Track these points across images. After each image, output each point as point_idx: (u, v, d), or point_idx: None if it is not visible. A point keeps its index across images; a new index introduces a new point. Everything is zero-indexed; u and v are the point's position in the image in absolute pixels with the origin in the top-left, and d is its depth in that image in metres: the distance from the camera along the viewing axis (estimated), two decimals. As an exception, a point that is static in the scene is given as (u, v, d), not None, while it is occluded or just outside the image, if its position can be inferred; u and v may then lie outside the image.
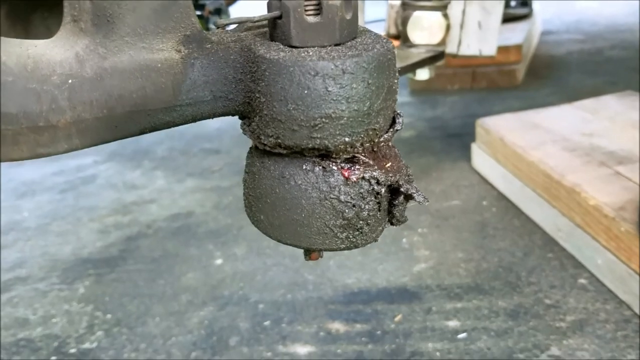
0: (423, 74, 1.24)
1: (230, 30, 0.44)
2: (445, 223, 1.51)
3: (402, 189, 0.46)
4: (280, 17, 0.42)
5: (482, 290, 1.23)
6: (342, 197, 0.44)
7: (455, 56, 1.30)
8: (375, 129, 0.43)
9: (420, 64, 1.20)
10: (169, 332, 1.21)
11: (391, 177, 0.45)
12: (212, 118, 0.46)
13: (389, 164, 0.45)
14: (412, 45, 1.22)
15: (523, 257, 1.33)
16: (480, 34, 1.29)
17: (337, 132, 0.41)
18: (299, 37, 0.41)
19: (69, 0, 0.42)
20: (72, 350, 1.19)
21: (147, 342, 1.19)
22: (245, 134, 0.46)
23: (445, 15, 1.21)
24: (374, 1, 2.15)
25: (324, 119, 0.40)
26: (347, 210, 0.44)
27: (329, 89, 0.40)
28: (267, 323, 1.20)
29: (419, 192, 0.46)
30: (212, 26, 1.09)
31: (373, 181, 0.44)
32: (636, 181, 1.23)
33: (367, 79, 0.40)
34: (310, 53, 0.40)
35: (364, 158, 0.44)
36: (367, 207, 0.45)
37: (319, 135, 0.41)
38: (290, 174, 0.44)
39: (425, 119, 2.25)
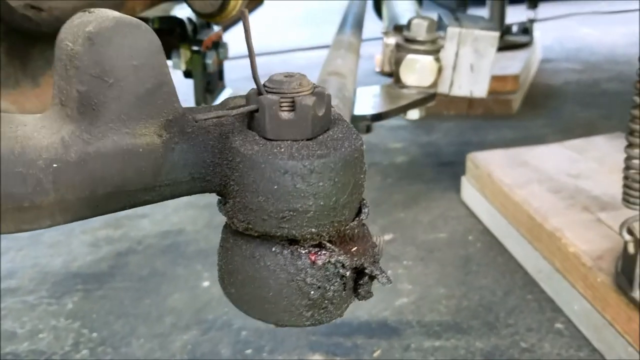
0: (414, 114, 1.27)
1: (207, 113, 0.46)
2: (430, 256, 1.53)
3: (366, 271, 0.48)
4: (256, 111, 0.44)
5: (460, 329, 1.26)
6: (308, 280, 0.46)
7: (446, 96, 1.33)
8: (340, 221, 0.45)
9: (411, 105, 1.23)
10: (152, 355, 1.23)
11: (356, 260, 0.48)
12: (190, 195, 0.49)
13: (354, 248, 0.48)
14: (404, 87, 1.25)
15: (503, 296, 1.35)
16: (472, 77, 1.32)
17: (304, 224, 0.44)
18: (273, 131, 0.44)
19: (58, 84, 0.44)
20: (56, 369, 1.21)
21: (129, 364, 1.21)
22: (220, 212, 0.48)
23: (437, 59, 1.24)
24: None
25: (291, 212, 0.43)
26: (312, 292, 0.47)
27: (297, 186, 0.42)
28: (248, 351, 1.23)
29: (383, 274, 0.49)
30: (208, 62, 1.12)
31: (339, 264, 0.47)
32: (617, 230, 1.26)
33: (333, 177, 0.43)
34: (282, 149, 0.43)
35: (330, 245, 0.46)
36: (332, 288, 0.47)
37: (287, 226, 0.44)
38: (260, 255, 0.47)
39: (419, 145, 2.28)
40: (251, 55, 0.43)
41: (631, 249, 1.01)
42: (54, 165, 0.42)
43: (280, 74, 0.46)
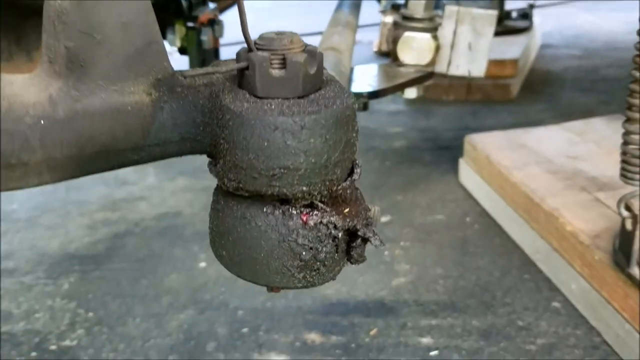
0: (411, 93, 1.26)
1: (196, 70, 0.46)
2: (427, 238, 1.53)
3: (359, 233, 0.48)
4: (247, 69, 0.44)
5: (457, 308, 1.26)
6: (299, 240, 0.46)
7: (444, 76, 1.32)
8: (332, 180, 0.45)
9: (409, 83, 1.22)
10: (148, 334, 1.23)
11: (348, 222, 0.47)
12: (180, 156, 0.48)
13: (347, 209, 0.48)
14: (402, 65, 1.24)
15: (500, 276, 1.35)
16: (470, 55, 1.31)
17: (295, 182, 0.43)
18: (263, 88, 0.43)
19: (46, 42, 0.44)
20: (53, 347, 1.21)
21: (126, 343, 1.21)
22: (211, 174, 0.48)
23: (435, 37, 1.23)
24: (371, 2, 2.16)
25: (282, 170, 0.42)
26: (304, 252, 0.46)
27: (288, 142, 0.42)
28: (244, 330, 1.23)
29: (376, 236, 0.48)
30: (203, 38, 1.11)
31: (331, 225, 0.46)
32: (615, 209, 1.25)
33: (324, 135, 0.42)
34: (273, 106, 0.43)
35: (322, 205, 0.46)
36: (324, 249, 0.47)
37: (277, 184, 0.43)
38: (251, 215, 0.46)
39: (418, 129, 2.27)
40: (241, 11, 0.42)
41: (629, 225, 1.01)
42: (42, 122, 0.42)
43: (271, 32, 0.45)
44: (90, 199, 1.84)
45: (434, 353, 1.14)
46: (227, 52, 1.72)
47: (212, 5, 1.17)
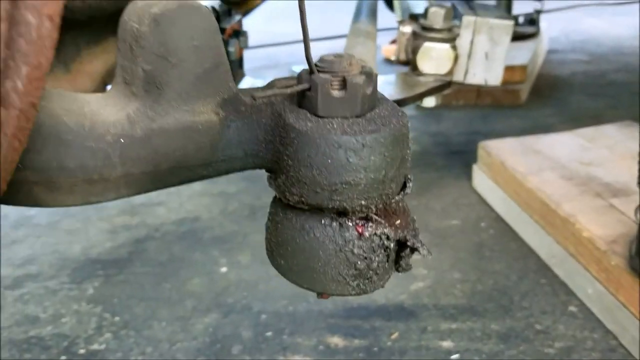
0: (430, 102, 1.29)
1: (263, 91, 0.49)
2: (443, 242, 1.56)
3: (408, 243, 0.51)
4: (309, 90, 0.47)
5: (476, 312, 1.29)
6: (355, 250, 0.49)
7: (461, 84, 1.35)
8: (388, 194, 0.48)
9: (428, 92, 1.25)
10: (175, 337, 1.26)
11: (400, 233, 0.50)
12: (243, 171, 0.51)
13: (398, 221, 0.51)
14: (421, 74, 1.27)
15: (517, 280, 1.38)
16: (487, 64, 1.34)
17: (355, 196, 0.46)
18: (324, 108, 0.47)
19: (122, 64, 0.47)
20: (82, 351, 1.24)
21: (153, 346, 1.24)
22: (271, 187, 0.51)
23: (454, 47, 1.26)
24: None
25: (344, 185, 0.46)
26: (359, 262, 0.49)
27: (350, 160, 0.45)
28: (269, 334, 1.26)
29: (424, 246, 0.51)
30: (230, 50, 1.14)
31: (384, 237, 0.49)
32: (629, 215, 1.28)
33: (383, 152, 0.46)
34: (335, 125, 0.46)
35: (376, 217, 0.49)
36: (377, 259, 0.50)
37: (338, 198, 0.46)
38: (310, 227, 0.49)
39: (430, 134, 2.30)
40: (305, 36, 0.45)
41: (646, 231, 1.04)
42: (121, 140, 0.45)
43: (330, 54, 0.48)
44: (109, 204, 1.87)
45: (455, 356, 1.17)
46: (249, 56, 1.76)
47: (237, 17, 1.21)
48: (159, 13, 0.44)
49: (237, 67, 1.27)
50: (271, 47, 3.56)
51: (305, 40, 0.46)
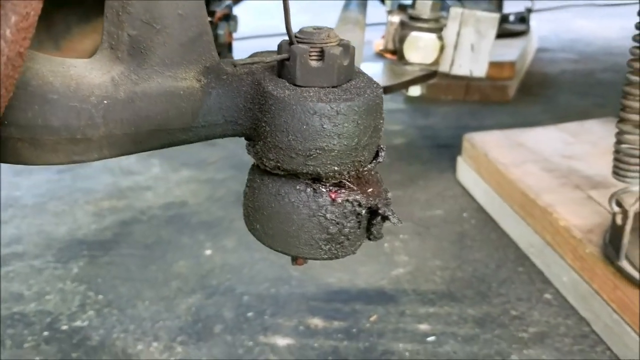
0: (415, 91, 1.31)
1: (244, 60, 0.51)
2: (426, 231, 1.59)
3: (380, 211, 0.53)
4: (288, 59, 0.49)
5: (454, 298, 1.31)
6: (328, 215, 0.51)
7: (447, 75, 1.38)
8: (360, 161, 0.50)
9: (414, 81, 1.27)
10: (158, 316, 1.28)
11: (371, 200, 0.52)
12: (222, 138, 0.53)
13: (370, 189, 0.53)
14: (407, 63, 1.29)
15: (496, 269, 1.41)
16: (473, 56, 1.36)
17: (328, 162, 0.48)
18: (302, 78, 0.49)
19: (108, 29, 0.49)
20: (64, 327, 1.26)
21: (136, 324, 1.26)
22: (249, 154, 0.53)
23: (440, 37, 1.29)
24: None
25: (318, 150, 0.48)
26: (331, 227, 0.51)
27: (324, 126, 0.47)
28: (250, 314, 1.28)
29: (394, 215, 0.53)
30: (220, 32, 1.16)
31: (355, 203, 0.52)
32: (606, 206, 1.31)
33: (356, 120, 0.48)
34: (311, 93, 0.48)
35: (349, 183, 0.51)
36: (348, 225, 0.52)
37: (312, 163, 0.48)
38: (285, 192, 0.51)
39: (417, 127, 2.33)
40: (286, 8, 0.47)
41: (619, 220, 1.07)
42: (105, 101, 0.46)
43: (309, 26, 0.50)
44: (96, 187, 1.88)
45: (431, 339, 1.20)
46: (238, 46, 1.78)
47: (227, 1, 1.23)
48: (146, -19, 0.46)
49: (226, 51, 1.29)
50: (264, 39, 3.58)
51: (286, 12, 0.48)
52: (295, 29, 0.50)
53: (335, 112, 0.47)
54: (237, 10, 1.63)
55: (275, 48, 0.52)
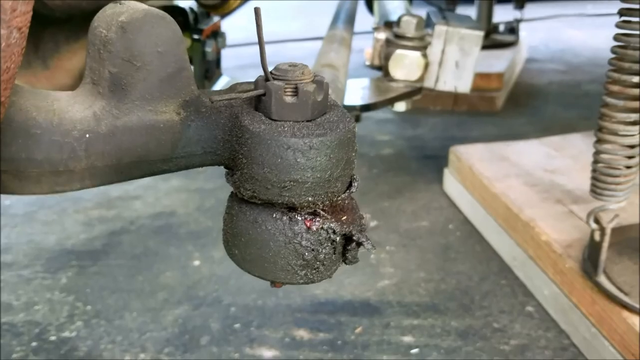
0: (400, 107, 1.34)
1: (221, 95, 0.53)
2: (412, 243, 1.61)
3: (354, 238, 0.55)
4: (264, 95, 0.51)
5: (438, 310, 1.34)
6: (303, 242, 0.53)
7: (432, 91, 1.40)
8: (334, 192, 0.52)
9: (399, 98, 1.30)
10: (145, 327, 1.30)
11: (345, 227, 0.54)
12: (201, 167, 0.55)
13: (345, 217, 0.55)
14: (393, 80, 1.32)
15: (479, 281, 1.44)
16: (457, 73, 1.39)
17: (302, 193, 0.51)
18: (277, 113, 0.51)
19: (90, 65, 0.51)
20: (52, 338, 1.27)
21: (123, 335, 1.27)
22: (228, 182, 0.55)
23: (424, 55, 1.31)
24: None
25: (292, 182, 0.50)
26: (306, 253, 0.53)
27: (298, 160, 0.49)
28: (237, 325, 1.30)
29: (368, 241, 0.56)
30: (207, 50, 1.18)
31: (330, 231, 0.54)
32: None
33: (329, 154, 0.50)
34: (286, 128, 0.50)
35: (323, 212, 0.53)
36: (323, 251, 0.54)
37: (287, 194, 0.51)
38: (262, 220, 0.53)
39: (405, 138, 2.35)
40: (261, 47, 0.50)
41: (597, 236, 1.09)
42: (87, 135, 0.48)
43: (285, 63, 0.53)
44: (85, 197, 1.90)
45: (414, 351, 1.22)
46: (232, 54, 1.78)
47: (215, 18, 1.25)
48: (126, 21, 0.48)
49: (214, 67, 1.31)
50: (255, 46, 3.60)
51: (261, 50, 0.50)
52: (293, 31, 0.52)
53: (308, 147, 0.49)
54: (231, 17, 1.66)
55: (271, 56, 0.54)
